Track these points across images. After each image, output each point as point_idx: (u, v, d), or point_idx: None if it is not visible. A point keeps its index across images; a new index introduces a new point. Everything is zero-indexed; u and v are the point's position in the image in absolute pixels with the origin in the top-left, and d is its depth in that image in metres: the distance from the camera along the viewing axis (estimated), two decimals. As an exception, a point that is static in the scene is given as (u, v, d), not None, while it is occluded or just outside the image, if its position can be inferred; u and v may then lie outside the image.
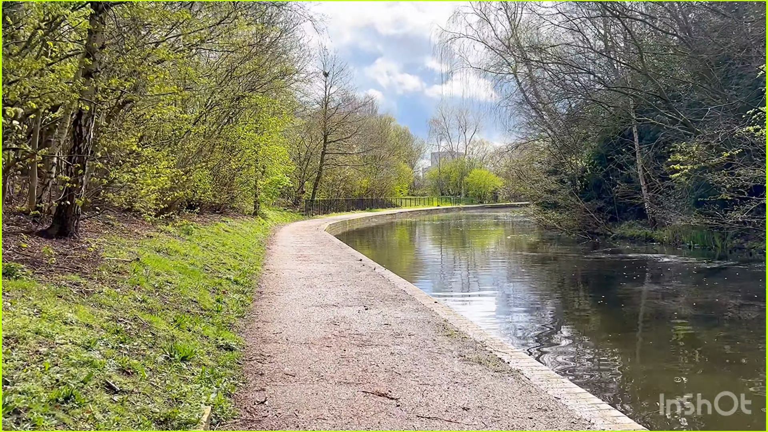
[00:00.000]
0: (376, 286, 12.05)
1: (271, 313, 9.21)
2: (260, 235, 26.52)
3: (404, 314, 9.12)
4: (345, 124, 59.35)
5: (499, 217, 67.56)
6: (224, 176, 30.44)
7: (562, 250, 27.16)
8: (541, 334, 11.14)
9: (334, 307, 9.75)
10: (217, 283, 10.63)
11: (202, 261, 12.58)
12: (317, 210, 54.28)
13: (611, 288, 16.66)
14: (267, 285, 12.21)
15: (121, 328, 5.78)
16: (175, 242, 14.24)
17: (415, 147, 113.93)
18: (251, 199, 35.95)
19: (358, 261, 17.38)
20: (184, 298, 8.37)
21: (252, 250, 19.03)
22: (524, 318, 12.72)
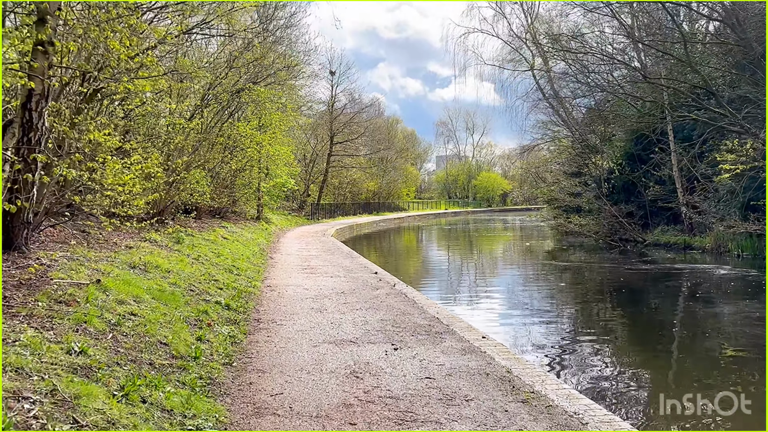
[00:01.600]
0: (401, 311, 9.73)
1: (270, 356, 6.91)
2: (263, 242, 24.26)
3: (448, 358, 6.81)
4: (352, 125, 57.14)
5: (509, 221, 65.16)
6: (225, 178, 28.28)
7: (593, 259, 24.79)
8: (636, 392, 8.75)
9: (352, 345, 7.45)
10: (202, 311, 8.32)
11: (188, 279, 10.29)
12: (323, 214, 52.05)
13: (685, 312, 14.34)
14: (267, 309, 9.91)
15: (13, 421, 3.48)
16: (159, 254, 11.96)
17: (422, 150, 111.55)
18: (254, 203, 33.70)
19: (374, 274, 15.08)
20: (149, 341, 6.08)
21: (252, 260, 16.75)
22: (595, 360, 10.32)
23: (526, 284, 19.17)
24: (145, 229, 16.16)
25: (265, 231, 29.99)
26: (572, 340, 11.17)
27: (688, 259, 23.09)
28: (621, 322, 12.95)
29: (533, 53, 42.06)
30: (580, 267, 22.58)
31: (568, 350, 10.39)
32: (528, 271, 22.58)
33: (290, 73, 28.88)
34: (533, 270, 22.83)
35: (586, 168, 34.62)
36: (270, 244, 24.84)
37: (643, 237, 28.16)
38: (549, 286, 18.66)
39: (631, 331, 12.10)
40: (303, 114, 43.89)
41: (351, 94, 59.47)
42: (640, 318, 13.40)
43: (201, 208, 24.53)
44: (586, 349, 10.50)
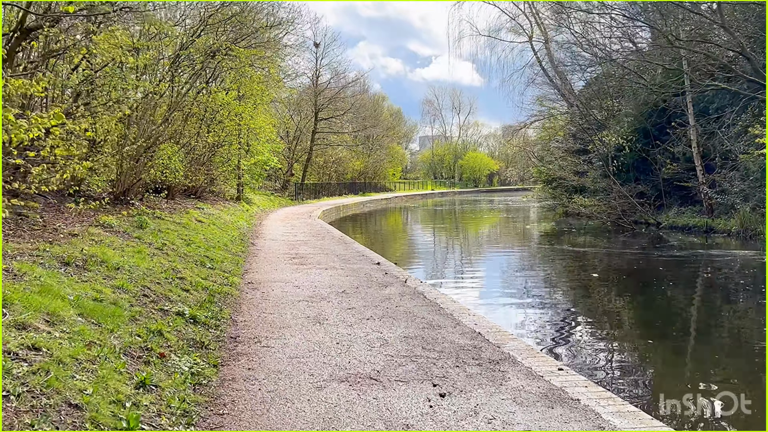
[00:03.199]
0: (427, 323, 7.32)
1: (253, 411, 4.47)
2: (243, 225, 21.71)
3: (530, 416, 4.41)
4: (337, 100, 54.36)
5: (500, 202, 62.95)
6: (201, 154, 25.64)
7: (609, 245, 22.55)
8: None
9: (374, 385, 5.03)
10: (155, 331, 5.81)
11: (143, 279, 7.76)
12: (307, 194, 49.42)
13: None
14: (248, 319, 7.44)
15: None
16: (111, 244, 9.42)
17: (407, 129, 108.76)
18: (234, 182, 31.05)
19: (375, 265, 12.65)
20: (48, 404, 3.60)
21: (230, 248, 14.21)
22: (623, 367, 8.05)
23: (542, 274, 16.85)
24: (105, 211, 13.65)
25: (246, 212, 27.41)
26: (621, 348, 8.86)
27: (711, 244, 20.94)
28: (678, 329, 10.66)
29: (532, 23, 39.60)
30: (598, 254, 20.32)
31: (624, 367, 8.06)
32: (539, 258, 20.27)
33: (272, 32, 26.06)
34: (545, 256, 20.53)
35: (591, 145, 32.33)
36: (251, 227, 22.29)
37: (657, 219, 25.97)
38: (569, 275, 16.36)
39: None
40: (287, 86, 41.08)
41: (335, 69, 56.54)
42: (693, 318, 11.14)
43: (174, 187, 21.96)
44: (638, 365, 8.19)
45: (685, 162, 25.93)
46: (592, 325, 10.68)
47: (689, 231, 23.78)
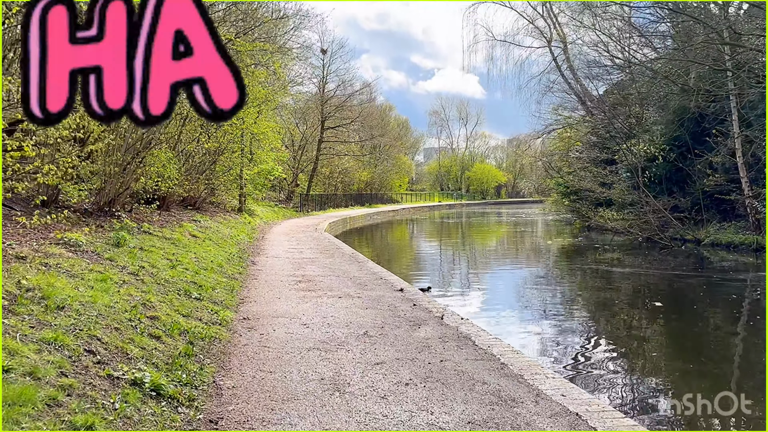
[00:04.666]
0: (494, 393, 5.14)
1: None
2: (244, 240, 19.60)
3: None
4: (344, 109, 52.34)
5: (511, 214, 60.71)
6: (200, 162, 23.60)
7: (653, 264, 20.34)
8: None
9: None
10: (80, 426, 3.65)
11: (92, 324, 5.58)
12: (313, 205, 47.29)
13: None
14: (237, 385, 5.28)
15: None
16: (70, 269, 7.30)
17: (414, 140, 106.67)
18: (235, 192, 28.96)
19: (398, 292, 10.49)
20: None
21: (225, 270, 12.07)
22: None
23: (593, 301, 14.65)
24: (80, 225, 11.59)
25: (248, 225, 25.31)
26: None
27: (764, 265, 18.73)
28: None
29: (551, 25, 37.55)
30: (646, 276, 18.12)
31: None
32: (577, 281, 18.06)
33: (278, 27, 24.05)
34: (583, 278, 18.32)
35: (618, 155, 30.16)
36: (253, 242, 20.17)
37: (696, 235, 23.75)
38: (626, 303, 14.17)
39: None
40: (292, 93, 39.12)
41: (342, 77, 54.54)
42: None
43: (169, 197, 19.88)
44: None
45: (723, 173, 23.74)
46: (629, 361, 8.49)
47: (735, 249, 21.54)
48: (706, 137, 24.35)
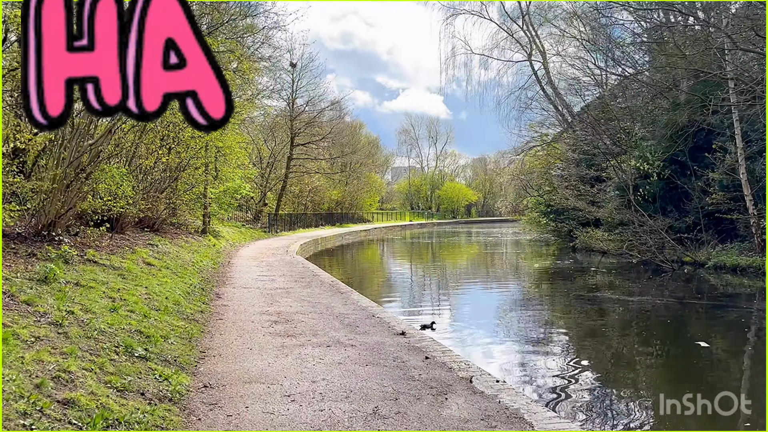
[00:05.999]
0: None
1: None
2: (207, 267, 17.37)
3: None
4: (314, 125, 50.34)
5: (485, 233, 59.12)
6: (160, 179, 21.40)
7: (653, 292, 18.69)
8: None
9: None
10: None
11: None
12: (282, 226, 44.93)
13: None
14: None
15: None
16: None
17: (384, 158, 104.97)
18: (199, 212, 26.66)
19: (400, 336, 8.45)
20: None
21: (183, 309, 9.86)
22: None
23: (615, 342, 12.78)
24: (13, 252, 9.44)
25: (213, 248, 23.03)
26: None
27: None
28: None
29: (531, 36, 36.21)
30: (649, 306, 16.37)
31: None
32: (583, 311, 16.22)
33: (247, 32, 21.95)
34: (585, 308, 16.49)
35: (606, 172, 28.70)
36: (217, 268, 17.93)
37: (695, 257, 22.20)
38: (647, 346, 12.33)
39: None
40: (261, 105, 37.04)
41: (312, 93, 52.33)
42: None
43: (124, 218, 17.62)
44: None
45: (723, 190, 22.30)
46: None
47: (743, 273, 20.00)
48: (705, 152, 22.97)
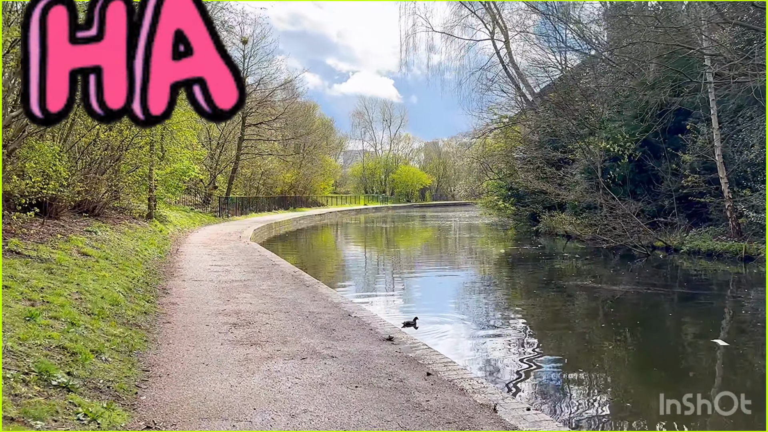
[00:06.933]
0: None
1: None
2: (153, 256, 15.62)
3: None
4: (267, 104, 48.21)
5: (442, 217, 58.22)
6: (100, 158, 19.46)
7: (633, 279, 17.83)
8: None
9: None
10: None
11: None
12: (233, 210, 42.93)
13: None
14: None
15: None
16: None
17: (339, 141, 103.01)
18: (144, 195, 24.61)
19: (386, 341, 7.07)
20: None
21: (123, 312, 8.21)
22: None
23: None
24: None
25: (159, 235, 21.16)
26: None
27: (759, 277, 16.56)
28: None
29: (494, 14, 35.03)
30: (640, 296, 15.45)
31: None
32: (554, 302, 15.15)
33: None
34: (567, 297, 15.45)
35: (573, 154, 27.87)
36: (165, 257, 16.18)
37: (667, 241, 21.50)
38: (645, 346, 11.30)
39: None
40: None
41: (265, 71, 50.04)
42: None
43: (58, 201, 15.68)
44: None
45: (693, 173, 21.63)
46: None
47: (719, 258, 19.35)
48: (677, 134, 22.25)
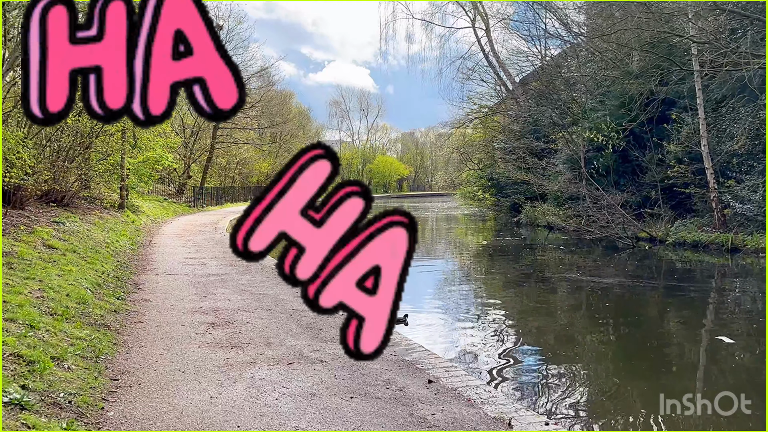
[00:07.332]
0: None
1: None
2: (125, 248, 14.87)
3: None
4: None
5: (421, 208, 57.76)
6: (69, 146, 18.65)
7: (622, 272, 17.51)
8: None
9: None
10: None
11: None
12: (207, 200, 42.04)
13: None
14: None
15: None
16: None
17: (315, 130, 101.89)
18: (116, 184, 23.70)
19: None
20: None
21: (90, 311, 7.53)
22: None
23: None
24: None
25: (131, 226, 20.35)
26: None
27: (759, 269, 16.35)
28: None
29: (475, 1, 34.53)
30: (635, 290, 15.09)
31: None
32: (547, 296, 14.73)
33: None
34: (565, 294, 15.05)
35: (555, 144, 27.53)
36: (137, 250, 15.43)
37: (651, 232, 21.24)
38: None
39: None
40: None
41: (241, 57, 48.98)
42: None
43: (24, 191, 14.88)
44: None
45: (679, 163, 21.38)
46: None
47: (705, 249, 19.11)
48: (663, 124, 21.98)
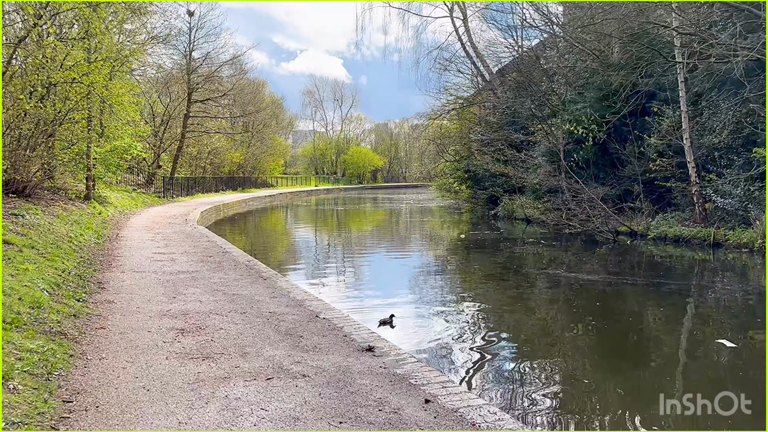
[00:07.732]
0: None
1: None
2: (89, 242, 14.07)
3: None
4: (214, 80, 46.15)
5: (395, 200, 57.26)
6: (29, 135, 17.75)
7: (603, 268, 17.20)
8: None
9: None
10: None
11: None
12: (178, 190, 40.94)
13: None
14: None
15: None
16: None
17: (289, 120, 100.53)
18: (81, 175, 22.77)
19: (366, 352, 5.96)
20: None
21: (46, 316, 6.83)
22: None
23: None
24: None
25: (98, 218, 19.49)
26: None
27: (735, 265, 16.17)
28: None
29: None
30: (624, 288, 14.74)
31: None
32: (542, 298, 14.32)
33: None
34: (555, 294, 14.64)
35: (534, 136, 27.17)
36: (102, 244, 14.62)
37: (631, 226, 21.00)
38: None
39: None
40: (154, 52, 32.75)
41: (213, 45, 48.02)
42: None
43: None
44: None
45: (660, 157, 21.18)
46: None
47: (686, 244, 18.92)
48: (644, 116, 21.73)
